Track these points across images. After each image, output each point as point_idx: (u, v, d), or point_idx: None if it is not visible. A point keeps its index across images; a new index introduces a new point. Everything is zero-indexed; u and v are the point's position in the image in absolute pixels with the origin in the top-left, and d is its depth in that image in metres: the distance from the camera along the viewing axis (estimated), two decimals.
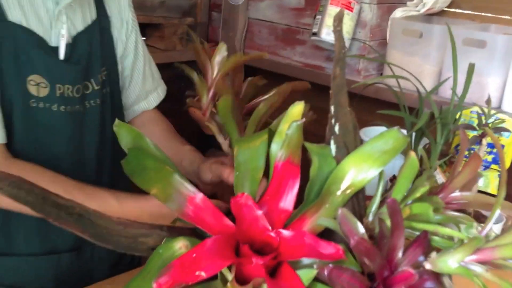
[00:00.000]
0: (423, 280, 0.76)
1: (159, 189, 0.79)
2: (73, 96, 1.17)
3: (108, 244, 0.80)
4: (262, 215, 0.76)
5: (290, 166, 0.79)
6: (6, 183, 0.77)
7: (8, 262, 1.19)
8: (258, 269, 0.72)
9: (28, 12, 1.11)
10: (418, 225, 0.78)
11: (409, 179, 0.79)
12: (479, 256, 0.73)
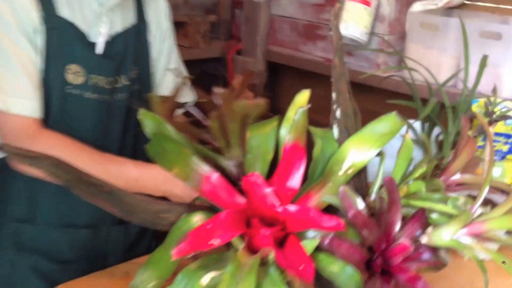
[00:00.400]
0: (420, 253, 0.87)
1: (179, 170, 0.90)
2: (104, 87, 1.33)
3: (134, 219, 0.92)
4: (271, 192, 0.87)
5: (297, 148, 0.90)
6: (47, 162, 0.90)
7: (31, 229, 1.34)
8: (266, 240, 0.83)
9: (75, 11, 1.29)
10: (415, 202, 0.89)
11: (406, 160, 0.90)
12: (470, 230, 0.84)
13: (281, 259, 0.80)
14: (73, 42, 1.28)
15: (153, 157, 0.92)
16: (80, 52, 1.29)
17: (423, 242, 0.85)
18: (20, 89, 1.24)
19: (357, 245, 0.83)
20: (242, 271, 0.78)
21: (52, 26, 1.26)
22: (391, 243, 0.85)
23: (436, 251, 0.87)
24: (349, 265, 0.82)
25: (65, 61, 1.28)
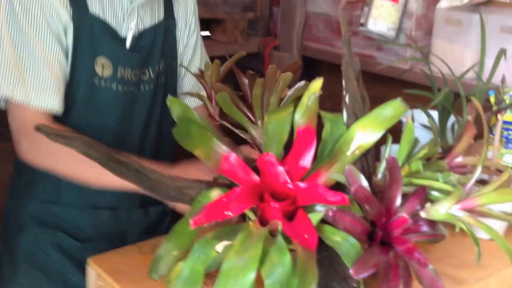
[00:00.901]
0: (419, 225, 0.91)
1: (200, 150, 0.96)
2: (131, 79, 1.36)
3: (158, 195, 0.98)
4: (283, 170, 0.92)
5: (308, 131, 0.95)
6: (80, 142, 0.97)
7: (54, 209, 1.38)
8: (275, 212, 0.88)
9: (106, 7, 1.33)
10: (415, 181, 0.93)
11: (409, 142, 0.94)
12: (464, 205, 0.87)
13: (288, 230, 0.85)
14: (103, 37, 1.31)
15: (178, 139, 0.98)
16: (109, 46, 1.32)
17: (422, 216, 0.89)
18: (42, 84, 1.26)
19: (360, 218, 0.87)
20: (251, 240, 0.84)
21: (83, 22, 1.29)
22: (392, 217, 0.90)
23: (434, 224, 0.91)
24: (351, 236, 0.87)
25: (95, 54, 1.31)
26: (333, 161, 0.93)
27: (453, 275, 1.11)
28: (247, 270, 0.80)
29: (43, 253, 1.36)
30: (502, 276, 1.16)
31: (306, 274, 0.79)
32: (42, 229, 1.37)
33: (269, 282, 0.79)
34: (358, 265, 0.82)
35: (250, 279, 0.80)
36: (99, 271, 1.10)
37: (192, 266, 0.87)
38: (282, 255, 0.82)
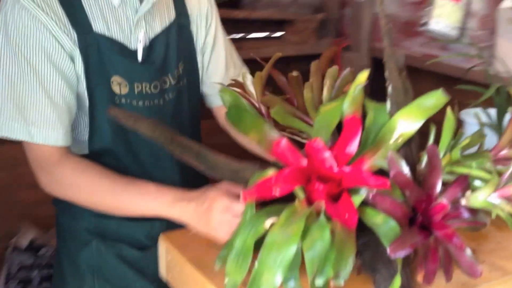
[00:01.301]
0: (459, 212, 0.93)
1: (254, 133, 1.01)
2: (151, 92, 1.28)
3: (216, 174, 1.04)
4: (330, 155, 0.96)
5: (354, 120, 0.98)
6: (146, 124, 1.04)
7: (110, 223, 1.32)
8: (320, 194, 0.92)
9: (110, 22, 1.23)
10: (456, 169, 0.94)
11: (450, 131, 0.95)
12: (501, 193, 0.89)
13: (331, 209, 0.89)
14: (112, 55, 1.23)
15: (232, 123, 1.03)
16: (120, 63, 1.23)
17: (463, 204, 0.91)
18: (44, 120, 1.19)
19: (400, 202, 0.90)
20: (295, 217, 0.88)
21: (90, 44, 1.21)
22: (432, 203, 0.92)
23: (476, 212, 0.93)
24: (391, 219, 0.90)
25: (109, 74, 1.23)
26: (376, 148, 0.95)
27: (503, 266, 1.10)
28: (289, 244, 0.84)
29: (106, 264, 1.34)
30: None
31: (344, 249, 0.83)
32: (103, 242, 1.33)
33: (309, 255, 0.84)
34: (395, 244, 0.85)
35: (292, 252, 0.84)
36: (168, 246, 1.18)
37: (243, 240, 0.92)
38: (322, 232, 0.85)
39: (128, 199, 1.20)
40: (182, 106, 1.36)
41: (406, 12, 2.18)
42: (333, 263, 0.81)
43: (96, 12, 1.21)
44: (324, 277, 0.82)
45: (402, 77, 0.97)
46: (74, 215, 1.35)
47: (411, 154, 0.98)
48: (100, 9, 1.22)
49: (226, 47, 1.48)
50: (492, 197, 0.89)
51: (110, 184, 1.20)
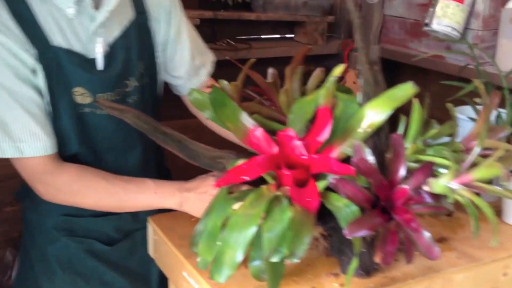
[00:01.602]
0: (422, 197, 0.95)
1: (231, 123, 1.05)
2: (115, 99, 1.28)
3: (196, 162, 1.08)
4: (300, 144, 0.99)
5: (326, 110, 1.01)
6: (131, 114, 1.09)
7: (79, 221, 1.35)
8: (287, 179, 0.96)
9: (68, 34, 1.22)
10: (421, 157, 0.97)
11: (417, 121, 0.98)
12: (460, 179, 0.91)
13: (294, 194, 0.92)
14: (72, 67, 1.22)
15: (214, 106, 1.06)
16: (81, 75, 1.23)
17: (425, 189, 0.94)
18: (29, 133, 1.19)
19: (361, 187, 0.93)
20: (260, 200, 0.92)
21: (49, 58, 1.20)
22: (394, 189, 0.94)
23: (439, 198, 0.95)
24: (353, 203, 0.93)
25: (70, 86, 1.23)
26: (345, 137, 0.98)
27: (471, 254, 1.14)
28: (249, 224, 0.88)
29: (77, 259, 1.36)
30: None
31: (301, 231, 0.86)
32: (72, 239, 1.35)
33: (268, 235, 0.87)
34: (352, 225, 0.88)
35: (252, 232, 0.88)
36: (154, 227, 1.25)
37: (214, 223, 0.96)
38: (283, 214, 0.89)
39: (129, 197, 1.24)
40: (146, 105, 1.37)
41: (413, 14, 2.19)
42: (289, 243, 0.84)
43: (53, 25, 1.20)
44: (280, 255, 0.85)
45: (374, 70, 1.00)
46: (42, 213, 1.36)
47: (380, 143, 1.00)
48: (56, 22, 1.21)
49: (191, 37, 1.47)
50: (452, 184, 0.91)
51: (109, 186, 1.24)
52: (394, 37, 2.31)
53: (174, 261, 1.14)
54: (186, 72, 1.47)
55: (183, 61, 1.46)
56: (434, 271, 1.07)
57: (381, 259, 0.90)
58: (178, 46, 1.43)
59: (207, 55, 1.54)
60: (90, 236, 1.36)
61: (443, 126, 1.04)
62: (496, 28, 1.90)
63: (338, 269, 1.06)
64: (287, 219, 0.88)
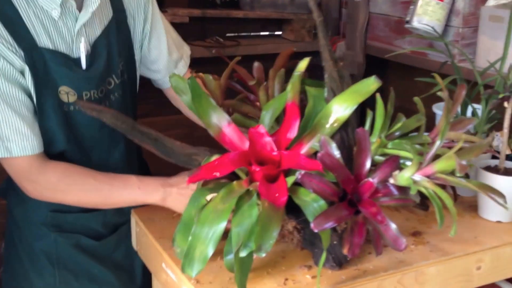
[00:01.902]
0: (388, 190, 0.98)
1: (206, 119, 1.07)
2: (98, 96, 1.32)
3: (172, 159, 1.11)
4: (270, 140, 1.01)
5: (293, 106, 1.04)
6: (109, 115, 1.11)
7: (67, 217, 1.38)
8: (257, 175, 0.98)
9: (53, 35, 1.25)
10: (386, 150, 0.99)
11: (381, 116, 1.01)
12: (423, 172, 0.93)
13: (262, 189, 0.94)
14: (58, 67, 1.25)
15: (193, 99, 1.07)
16: (66, 74, 1.26)
17: (391, 182, 0.96)
18: (17, 133, 1.22)
19: (327, 181, 0.95)
20: (231, 195, 0.94)
21: (36, 59, 1.23)
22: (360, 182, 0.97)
23: (405, 190, 0.97)
24: (322, 199, 0.95)
25: (56, 85, 1.26)
26: (314, 133, 1.01)
27: (443, 248, 1.15)
28: (219, 220, 0.91)
29: (65, 254, 1.38)
30: (497, 253, 1.18)
31: (268, 225, 0.89)
32: (60, 234, 1.38)
33: (236, 230, 0.90)
34: (319, 218, 0.90)
35: (222, 227, 0.91)
36: (136, 219, 1.29)
37: (189, 214, 1.00)
38: (251, 209, 0.92)
39: (113, 194, 1.27)
40: (126, 101, 1.40)
41: (397, 12, 2.21)
42: (256, 237, 0.87)
43: (39, 27, 1.23)
44: (248, 249, 0.88)
45: (338, 66, 1.02)
46: (29, 209, 1.39)
47: (347, 138, 1.03)
48: (41, 23, 1.24)
49: (167, 32, 1.49)
50: (416, 176, 0.93)
51: (95, 183, 1.26)
52: (380, 34, 2.34)
53: (154, 252, 1.17)
54: (164, 65, 1.50)
55: (161, 55, 1.48)
56: (406, 264, 1.09)
57: (348, 250, 0.92)
58: (155, 40, 1.46)
59: (184, 48, 1.57)
60: (78, 231, 1.39)
61: (410, 119, 1.06)
62: (476, 26, 1.93)
63: (312, 261, 1.08)
64: (255, 214, 0.90)
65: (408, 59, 2.18)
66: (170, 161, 1.12)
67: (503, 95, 1.25)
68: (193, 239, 0.92)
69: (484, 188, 0.95)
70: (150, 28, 1.44)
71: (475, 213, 1.31)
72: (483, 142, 0.98)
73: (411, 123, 1.05)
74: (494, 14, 1.81)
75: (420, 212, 1.27)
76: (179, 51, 1.54)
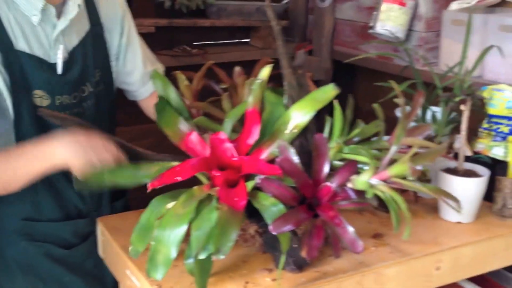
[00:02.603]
0: (347, 194, 1.01)
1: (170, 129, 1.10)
2: (71, 102, 1.34)
3: None
4: (231, 146, 1.04)
5: (254, 112, 1.06)
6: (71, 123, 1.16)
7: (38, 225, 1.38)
8: (218, 180, 1.00)
9: (31, 40, 1.28)
10: (343, 155, 1.02)
11: (339, 121, 1.03)
12: (379, 176, 0.96)
13: (222, 194, 0.97)
14: (34, 71, 1.28)
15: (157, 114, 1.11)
16: (41, 78, 1.29)
17: (349, 186, 0.99)
18: None
19: (286, 186, 0.98)
20: (191, 200, 0.96)
21: (12, 61, 1.26)
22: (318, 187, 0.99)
23: (363, 194, 1.00)
24: (281, 203, 0.97)
25: (30, 88, 1.28)
26: (274, 139, 1.04)
27: (403, 249, 1.18)
28: (179, 224, 0.93)
29: (36, 262, 1.39)
30: (456, 253, 1.21)
31: (227, 229, 0.91)
32: (30, 242, 1.39)
33: (196, 233, 0.92)
34: (277, 221, 0.93)
35: (182, 231, 0.93)
36: (102, 228, 1.30)
37: (147, 218, 1.02)
38: (210, 213, 0.94)
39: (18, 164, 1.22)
40: (100, 110, 1.43)
41: (363, 17, 2.25)
42: (215, 240, 0.89)
43: (17, 30, 1.26)
44: (207, 252, 0.90)
45: (297, 74, 1.05)
46: (1, 217, 1.39)
47: (307, 143, 1.06)
48: (21, 27, 1.27)
49: (141, 46, 1.54)
50: (372, 180, 0.96)
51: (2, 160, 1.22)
52: (346, 39, 2.38)
53: (119, 260, 1.18)
54: (139, 78, 1.54)
55: (136, 68, 1.53)
56: (366, 266, 1.12)
57: (307, 252, 0.95)
58: (130, 53, 1.51)
59: (157, 64, 1.62)
60: (49, 240, 1.40)
61: (369, 125, 1.09)
62: (439, 30, 1.97)
63: (273, 264, 1.10)
64: (214, 218, 0.92)
65: (374, 63, 2.22)
66: None
67: (460, 98, 1.28)
68: (156, 243, 0.94)
69: (439, 192, 0.98)
70: (126, 42, 1.49)
71: (436, 215, 1.34)
72: (439, 148, 1.01)
73: (370, 129, 1.08)
74: (456, 18, 1.86)
75: (382, 214, 1.30)
76: (153, 64, 1.58)
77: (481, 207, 1.33)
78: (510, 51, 1.69)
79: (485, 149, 1.52)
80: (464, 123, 1.29)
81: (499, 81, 1.73)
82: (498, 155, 1.50)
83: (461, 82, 1.29)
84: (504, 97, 1.51)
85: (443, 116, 1.43)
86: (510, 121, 1.51)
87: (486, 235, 1.26)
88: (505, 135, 1.51)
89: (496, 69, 1.76)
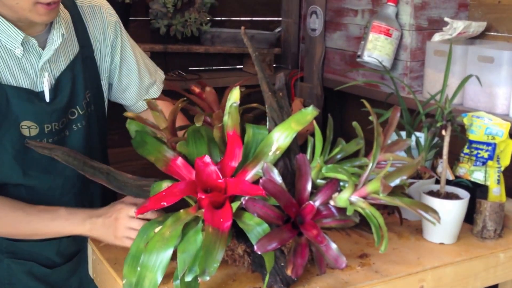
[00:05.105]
0: (330, 212, 1.01)
1: (154, 156, 1.11)
2: (59, 127, 1.31)
3: (124, 192, 1.13)
4: (215, 169, 1.04)
5: (234, 136, 1.07)
6: (60, 152, 1.14)
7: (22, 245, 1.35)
8: (204, 202, 1.01)
9: (16, 72, 1.25)
10: (326, 174, 1.03)
11: (320, 142, 1.05)
12: (359, 193, 0.97)
13: (207, 215, 0.97)
14: (21, 102, 1.26)
15: (136, 148, 1.13)
16: (29, 109, 1.26)
17: (331, 204, 0.99)
18: None
19: (270, 206, 0.98)
20: (177, 223, 0.96)
21: None
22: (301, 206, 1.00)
23: (345, 211, 1.01)
24: (265, 223, 0.98)
25: (18, 120, 1.26)
26: (257, 160, 1.04)
27: (389, 269, 1.18)
28: (166, 247, 0.93)
29: (17, 280, 1.37)
30: (438, 273, 1.22)
31: (212, 250, 0.91)
32: (14, 261, 1.37)
33: (182, 256, 0.92)
34: (262, 241, 0.93)
35: (169, 254, 0.93)
36: (93, 247, 1.29)
37: (137, 247, 1.01)
38: (196, 235, 0.94)
39: (42, 226, 1.27)
40: (91, 131, 1.41)
41: (351, 46, 2.28)
42: (200, 261, 0.89)
43: (1, 65, 1.24)
44: (193, 274, 0.90)
45: (278, 97, 1.06)
46: None
47: (290, 164, 1.06)
48: (4, 61, 1.24)
49: (138, 60, 1.52)
50: (352, 197, 0.97)
51: (23, 215, 1.26)
52: (335, 67, 2.40)
53: (109, 279, 1.18)
54: (135, 93, 1.53)
55: (131, 83, 1.51)
56: (351, 285, 1.11)
57: (291, 271, 0.95)
58: (125, 70, 1.49)
59: (157, 73, 1.60)
60: (32, 259, 1.38)
61: (349, 143, 1.11)
62: (423, 60, 1.99)
63: (261, 283, 1.10)
64: (199, 240, 0.93)
65: (362, 90, 2.24)
66: (123, 193, 1.14)
67: (441, 124, 1.29)
68: (142, 269, 0.94)
69: (415, 205, 0.99)
70: (120, 59, 1.47)
71: (420, 236, 1.34)
72: (414, 162, 1.03)
73: (351, 147, 1.09)
74: (438, 49, 1.88)
75: (369, 236, 1.30)
76: (152, 77, 1.57)
77: (463, 229, 1.33)
78: (489, 81, 1.72)
79: (466, 173, 1.53)
80: (446, 147, 1.30)
81: (478, 108, 1.75)
82: (479, 179, 1.52)
83: (442, 109, 1.30)
84: (483, 124, 1.54)
85: (426, 141, 1.45)
86: (489, 146, 1.53)
87: (467, 256, 1.26)
88: (485, 160, 1.53)
89: (475, 97, 1.78)
